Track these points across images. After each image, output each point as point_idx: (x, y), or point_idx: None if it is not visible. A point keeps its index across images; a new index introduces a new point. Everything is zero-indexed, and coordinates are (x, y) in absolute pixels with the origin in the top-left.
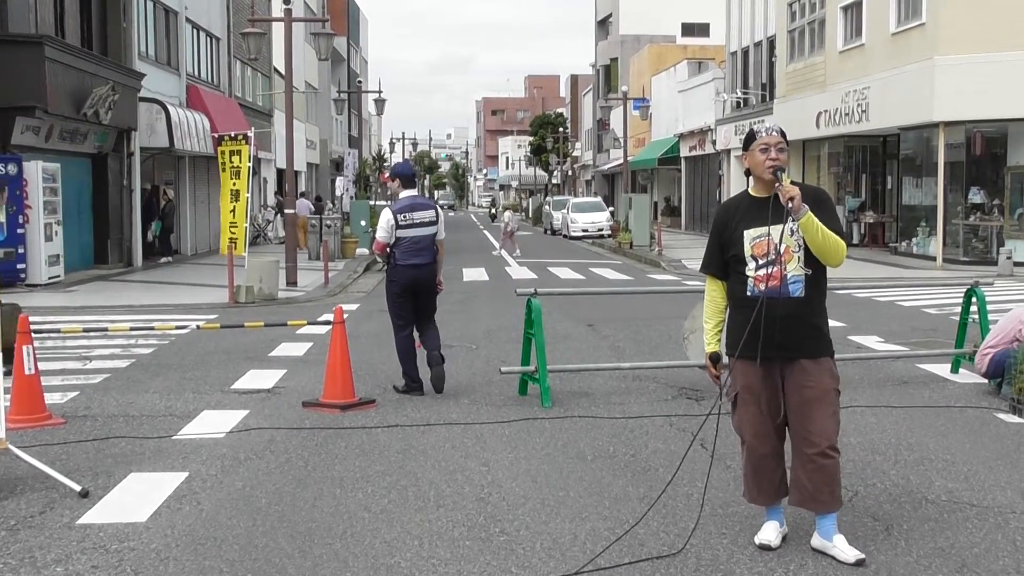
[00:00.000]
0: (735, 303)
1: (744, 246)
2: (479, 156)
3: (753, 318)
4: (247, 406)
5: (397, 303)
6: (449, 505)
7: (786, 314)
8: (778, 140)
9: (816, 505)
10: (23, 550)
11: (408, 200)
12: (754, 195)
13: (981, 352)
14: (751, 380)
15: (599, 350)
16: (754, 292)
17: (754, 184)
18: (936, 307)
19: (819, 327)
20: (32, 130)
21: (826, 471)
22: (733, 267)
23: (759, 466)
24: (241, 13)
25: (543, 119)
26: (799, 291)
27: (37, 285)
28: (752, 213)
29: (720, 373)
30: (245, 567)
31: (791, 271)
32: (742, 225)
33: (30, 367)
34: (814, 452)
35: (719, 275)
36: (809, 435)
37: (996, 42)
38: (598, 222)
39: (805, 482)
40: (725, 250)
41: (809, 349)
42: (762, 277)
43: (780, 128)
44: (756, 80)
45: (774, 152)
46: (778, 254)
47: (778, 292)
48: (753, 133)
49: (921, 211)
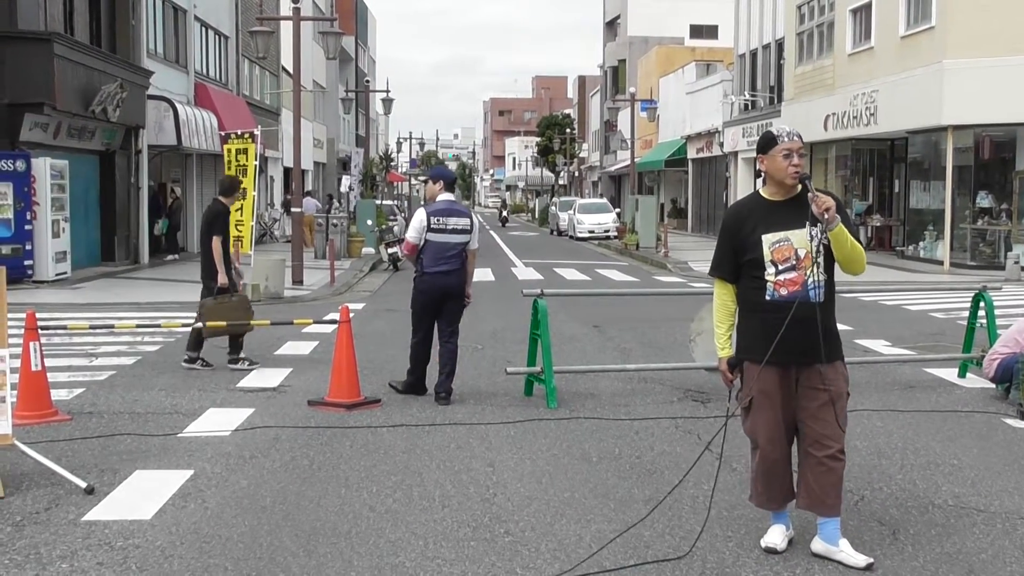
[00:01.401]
0: (750, 307)
1: (763, 251)
2: (486, 156)
3: (785, 323)
4: (252, 404)
5: (418, 314)
6: (454, 505)
7: (805, 318)
8: (799, 145)
9: (823, 508)
10: (29, 546)
11: (445, 204)
12: (769, 198)
13: (989, 356)
14: (767, 385)
15: (605, 351)
16: (774, 297)
17: (768, 186)
18: (943, 311)
19: (834, 331)
20: (40, 127)
21: (834, 474)
22: (748, 271)
23: (772, 471)
24: (249, 11)
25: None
26: (818, 296)
27: (44, 282)
28: (770, 217)
29: (735, 377)
30: (250, 565)
31: (813, 277)
32: (760, 229)
33: (36, 363)
34: (825, 455)
35: (729, 279)
36: (822, 438)
37: (1005, 46)
38: (604, 223)
39: (813, 485)
40: (739, 254)
41: (825, 353)
42: (783, 282)
43: (799, 132)
44: (764, 82)
45: (796, 158)
46: (803, 258)
47: (798, 296)
48: (773, 137)
49: (929, 215)
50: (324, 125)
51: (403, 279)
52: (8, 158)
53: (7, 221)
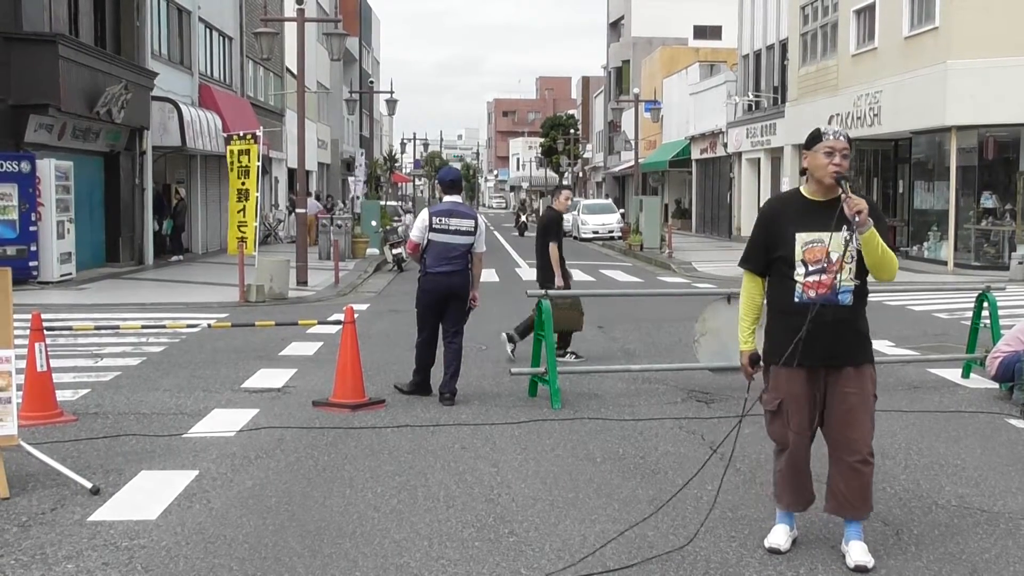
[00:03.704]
0: (778, 309)
1: (795, 249)
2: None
3: (805, 326)
4: (257, 405)
5: (422, 313)
6: (458, 505)
7: (835, 321)
8: (844, 146)
9: (852, 512)
10: (34, 546)
11: (448, 205)
12: (808, 196)
13: (992, 355)
14: (796, 388)
15: (609, 352)
16: (802, 299)
17: (809, 184)
18: (947, 312)
19: (865, 334)
20: (45, 128)
21: (864, 477)
22: (778, 269)
23: (799, 474)
24: (254, 13)
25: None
26: (848, 300)
27: (49, 283)
28: (806, 216)
29: (756, 372)
30: (255, 566)
31: (842, 281)
32: (793, 227)
33: (42, 364)
34: (856, 459)
35: (758, 271)
36: (852, 442)
37: (1009, 47)
38: (608, 224)
39: (843, 489)
40: (770, 249)
41: (855, 356)
42: (812, 284)
43: (847, 133)
44: (768, 83)
45: (838, 158)
46: (835, 262)
47: (827, 300)
48: (819, 133)
49: (932, 215)
50: (328, 126)
51: (407, 280)
52: (13, 159)
53: (12, 222)
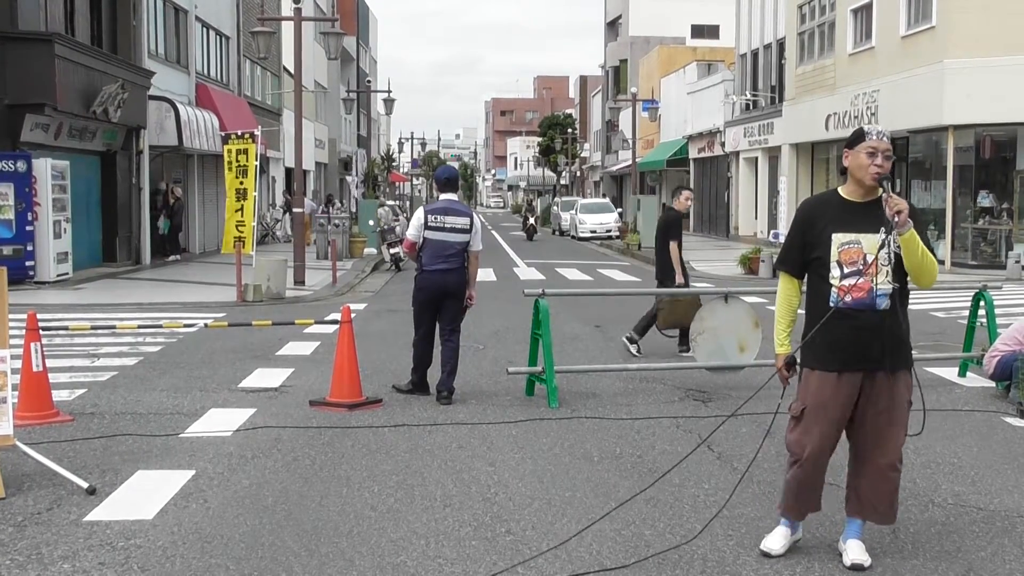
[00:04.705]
0: (815, 312)
1: (831, 250)
2: (488, 156)
3: (820, 323)
4: (254, 405)
5: (418, 311)
6: (455, 505)
7: (872, 326)
8: (887, 147)
9: (877, 516)
10: (30, 546)
11: (444, 203)
12: (846, 197)
13: (990, 354)
14: (826, 394)
15: (606, 351)
16: (837, 302)
17: (848, 185)
18: (944, 311)
19: (904, 339)
20: (41, 128)
21: (892, 483)
22: (815, 270)
23: (811, 485)
24: (251, 12)
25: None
26: (885, 304)
27: (45, 282)
28: (844, 217)
29: (791, 375)
30: (251, 565)
31: (880, 284)
32: (831, 228)
33: (38, 364)
34: (886, 464)
35: (795, 273)
36: (883, 448)
37: (1006, 46)
38: (606, 223)
39: (869, 493)
40: (807, 250)
41: (894, 362)
42: (846, 287)
43: (889, 134)
44: (765, 82)
45: (880, 159)
46: (870, 264)
47: (864, 304)
48: (862, 132)
49: (930, 214)
50: (326, 125)
51: (405, 279)
52: (9, 159)
53: (8, 222)
